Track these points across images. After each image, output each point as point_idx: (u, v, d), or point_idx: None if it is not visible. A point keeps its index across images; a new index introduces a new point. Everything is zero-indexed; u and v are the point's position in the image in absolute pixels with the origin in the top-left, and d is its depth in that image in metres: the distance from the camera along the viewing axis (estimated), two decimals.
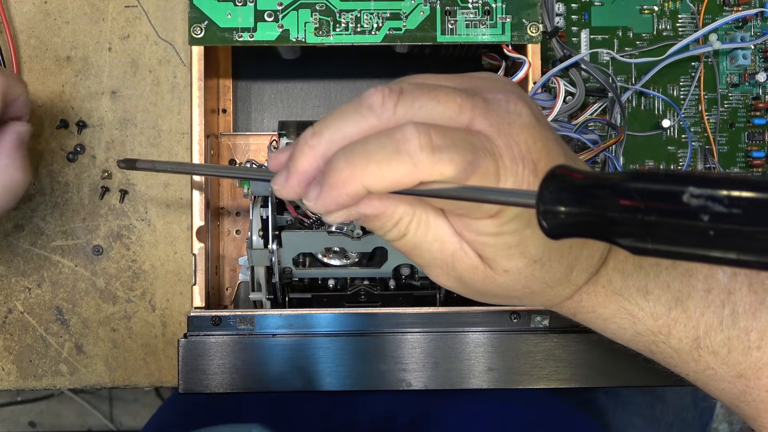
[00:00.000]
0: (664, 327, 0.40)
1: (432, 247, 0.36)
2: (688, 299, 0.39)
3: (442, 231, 0.35)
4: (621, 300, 0.40)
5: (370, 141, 0.32)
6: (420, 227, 0.35)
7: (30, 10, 0.58)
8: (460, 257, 0.36)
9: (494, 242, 0.34)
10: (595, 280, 0.39)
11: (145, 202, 0.58)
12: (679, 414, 0.81)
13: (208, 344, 0.47)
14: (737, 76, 0.57)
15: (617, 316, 0.40)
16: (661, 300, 0.39)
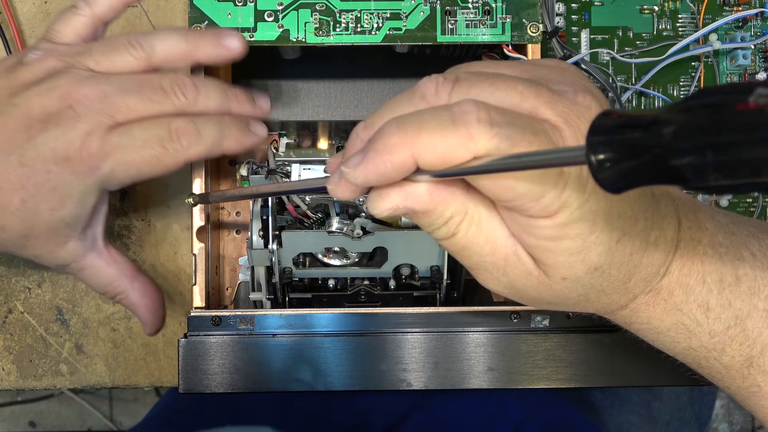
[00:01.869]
0: (719, 344, 0.38)
1: (483, 249, 0.33)
2: (747, 318, 0.38)
3: (495, 233, 0.33)
4: (680, 314, 0.38)
5: (426, 111, 0.30)
6: (472, 227, 0.33)
7: (30, 10, 0.58)
8: (512, 262, 0.34)
9: (554, 247, 0.32)
10: (656, 291, 0.37)
11: (145, 202, 0.58)
12: (676, 413, 0.81)
13: (208, 344, 0.47)
14: (737, 76, 0.57)
15: (672, 330, 0.38)
16: (721, 318, 0.38)
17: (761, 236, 0.39)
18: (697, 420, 0.81)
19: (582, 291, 0.35)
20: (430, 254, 0.50)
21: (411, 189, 0.32)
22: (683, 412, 0.81)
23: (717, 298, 0.37)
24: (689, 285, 0.37)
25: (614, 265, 0.34)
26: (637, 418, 0.80)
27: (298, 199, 0.48)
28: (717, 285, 0.37)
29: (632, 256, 0.34)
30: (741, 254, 0.38)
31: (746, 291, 0.37)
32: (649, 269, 0.36)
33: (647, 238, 0.35)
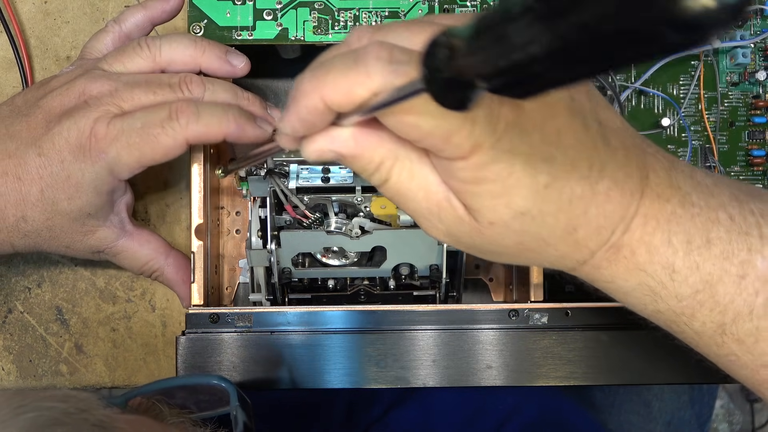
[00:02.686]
0: (687, 308, 0.37)
1: (417, 195, 0.34)
2: (718, 283, 0.36)
3: (427, 179, 0.33)
4: (644, 275, 0.36)
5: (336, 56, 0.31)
6: (403, 173, 0.33)
7: (30, 10, 0.58)
8: (445, 208, 0.34)
9: (476, 190, 0.32)
10: (616, 248, 0.36)
11: (145, 202, 0.58)
12: (676, 413, 0.81)
13: (206, 341, 0.47)
14: (737, 74, 0.57)
15: (638, 291, 0.37)
16: (688, 281, 0.36)
17: (746, 199, 0.37)
18: (697, 420, 0.81)
19: (516, 238, 0.34)
20: (429, 253, 0.50)
21: (336, 133, 0.32)
22: (683, 411, 0.81)
23: (683, 261, 0.36)
24: (653, 244, 0.36)
25: (548, 212, 0.34)
26: (637, 417, 0.80)
27: (296, 199, 0.48)
28: (684, 246, 0.36)
29: (572, 204, 0.34)
30: (717, 216, 0.36)
31: (718, 255, 0.36)
32: (602, 221, 0.35)
33: (594, 187, 0.34)
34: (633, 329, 0.47)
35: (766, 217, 0.37)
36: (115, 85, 0.47)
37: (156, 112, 0.45)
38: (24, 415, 0.30)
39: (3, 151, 0.47)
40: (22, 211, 0.47)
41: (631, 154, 0.35)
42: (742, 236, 0.36)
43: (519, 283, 0.54)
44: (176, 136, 0.45)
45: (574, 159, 0.33)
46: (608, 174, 0.34)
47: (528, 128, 0.32)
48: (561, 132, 0.33)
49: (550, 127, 0.32)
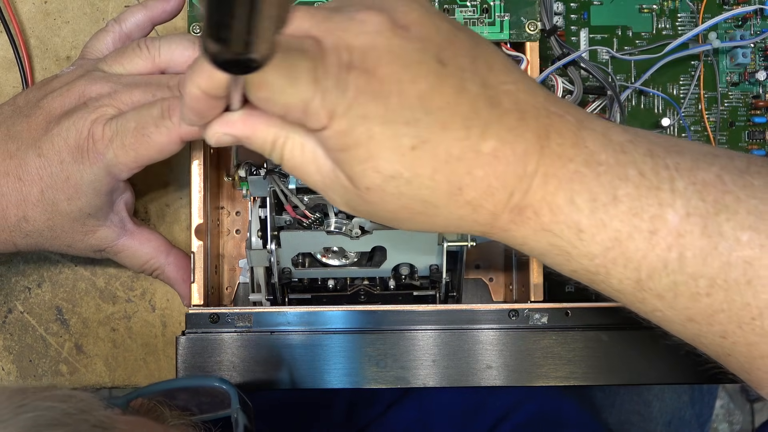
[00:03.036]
0: (601, 267, 0.37)
1: (309, 169, 0.36)
2: (628, 240, 0.36)
3: (316, 153, 0.36)
4: (551, 236, 0.37)
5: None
6: (295, 149, 0.36)
7: (30, 10, 0.58)
8: (333, 178, 0.36)
9: (346, 157, 0.34)
10: (519, 209, 0.36)
11: (145, 202, 0.58)
12: (677, 413, 0.81)
13: (206, 341, 0.47)
14: (737, 74, 0.57)
15: (550, 252, 0.38)
16: (596, 239, 0.36)
17: (663, 154, 0.37)
18: (697, 420, 0.81)
19: (398, 202, 0.35)
20: (429, 253, 0.50)
21: (226, 117, 0.36)
22: (684, 411, 0.81)
23: (589, 219, 0.36)
24: (557, 204, 0.36)
25: (424, 174, 0.34)
26: (637, 417, 0.80)
27: (296, 199, 0.48)
28: (588, 204, 0.36)
29: (450, 164, 0.34)
30: (626, 173, 0.36)
31: (626, 211, 0.36)
32: (493, 182, 0.35)
33: (475, 147, 0.34)
34: (633, 329, 0.47)
35: (681, 171, 0.36)
36: (115, 87, 0.47)
37: (148, 110, 0.45)
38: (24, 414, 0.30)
39: (5, 151, 0.47)
40: (23, 211, 0.47)
41: (527, 115, 0.35)
42: (653, 191, 0.36)
43: (519, 283, 0.54)
44: (170, 134, 0.45)
45: (445, 121, 0.34)
46: (493, 135, 0.35)
47: (382, 93, 0.33)
48: (425, 96, 0.33)
49: (409, 91, 0.33)
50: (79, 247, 0.50)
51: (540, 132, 0.36)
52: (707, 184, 0.36)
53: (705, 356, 0.40)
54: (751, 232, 0.35)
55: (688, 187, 0.36)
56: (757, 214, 0.35)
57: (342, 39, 0.33)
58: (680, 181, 0.36)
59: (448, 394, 0.72)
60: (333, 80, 0.32)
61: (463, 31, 0.36)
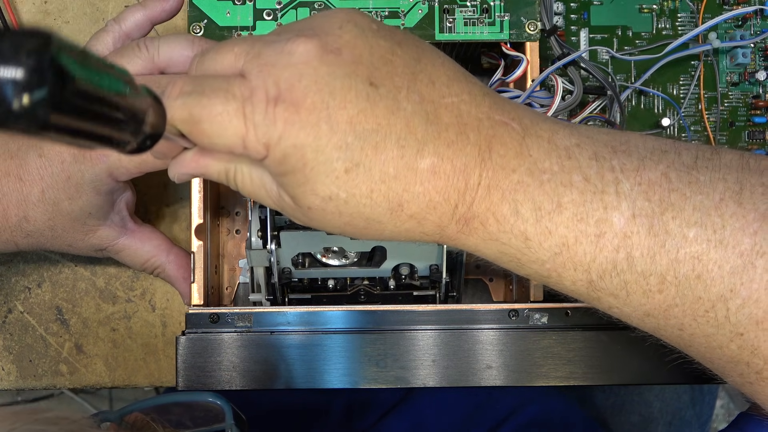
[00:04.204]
0: (552, 272, 0.38)
1: (260, 194, 0.38)
2: (575, 244, 0.37)
3: (263, 180, 0.37)
4: (499, 245, 0.38)
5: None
6: (245, 179, 0.38)
7: (30, 10, 0.58)
8: (280, 201, 0.37)
9: (287, 181, 0.36)
10: (465, 220, 0.37)
11: (145, 202, 0.58)
12: (677, 413, 0.81)
13: (206, 341, 0.47)
14: (737, 74, 0.57)
15: (501, 260, 0.39)
16: (543, 246, 0.37)
17: (609, 156, 0.37)
18: (698, 420, 0.81)
19: (342, 219, 0.36)
20: (429, 253, 0.50)
21: (181, 159, 0.38)
22: (684, 412, 0.81)
23: (534, 228, 0.37)
24: (502, 214, 0.37)
25: (360, 194, 0.35)
26: (638, 418, 0.80)
27: None
28: (533, 214, 0.36)
29: (387, 183, 0.35)
30: (571, 179, 0.36)
31: (570, 217, 0.36)
32: (434, 196, 0.36)
33: (412, 164, 0.35)
34: (632, 329, 0.47)
35: (626, 172, 0.37)
36: None
37: None
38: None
39: (6, 151, 0.47)
40: (24, 211, 0.47)
41: (467, 129, 0.36)
42: (597, 195, 0.36)
43: (519, 283, 0.54)
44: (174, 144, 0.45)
45: (377, 143, 0.35)
46: (431, 152, 0.35)
47: (311, 122, 0.34)
48: (355, 120, 0.34)
49: (338, 116, 0.34)
50: (79, 247, 0.50)
51: (481, 144, 0.36)
52: (653, 183, 0.36)
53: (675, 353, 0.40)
54: (698, 228, 0.36)
55: (634, 188, 0.36)
56: (702, 210, 0.36)
57: (270, 73, 0.34)
58: (625, 183, 0.36)
59: (447, 398, 0.72)
60: (261, 115, 0.34)
61: (405, 46, 0.37)
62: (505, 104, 0.38)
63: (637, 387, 0.80)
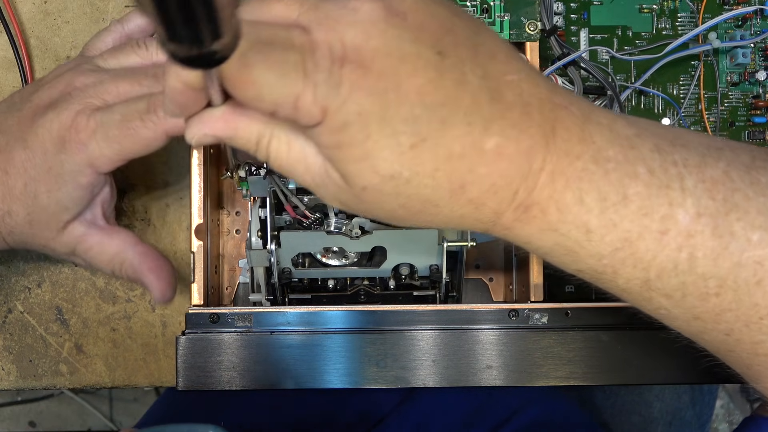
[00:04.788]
0: (608, 267, 0.36)
1: (298, 168, 0.34)
2: (638, 240, 0.35)
3: (304, 151, 0.34)
4: (557, 236, 0.35)
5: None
6: (281, 148, 0.34)
7: (30, 10, 0.58)
8: (325, 178, 0.34)
9: (340, 156, 0.32)
10: (524, 207, 0.35)
11: (145, 202, 0.58)
12: (677, 413, 0.80)
13: (206, 341, 0.47)
14: (737, 74, 0.57)
15: (556, 252, 0.36)
16: (605, 240, 0.35)
17: (670, 150, 0.36)
18: (698, 420, 0.81)
19: (396, 201, 0.34)
20: (429, 253, 0.50)
21: (207, 115, 0.33)
22: (684, 412, 0.81)
23: (598, 219, 0.34)
24: (565, 203, 0.34)
25: (424, 173, 0.33)
26: (638, 418, 0.80)
27: (296, 199, 0.48)
28: (598, 204, 0.34)
29: (452, 162, 0.32)
30: (636, 171, 0.34)
31: (635, 211, 0.34)
32: (497, 180, 0.33)
33: (478, 144, 0.33)
34: (633, 329, 0.47)
35: (689, 168, 0.35)
36: (101, 77, 0.46)
37: (135, 104, 0.44)
38: None
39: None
40: (9, 206, 0.46)
41: (531, 109, 0.34)
42: (663, 190, 0.35)
43: (519, 283, 0.54)
44: (156, 128, 0.44)
45: (445, 117, 0.32)
46: (496, 131, 0.33)
47: (379, 89, 0.31)
48: (424, 91, 0.31)
49: (408, 86, 0.31)
50: (52, 247, 0.49)
51: (545, 127, 0.34)
52: (716, 181, 0.35)
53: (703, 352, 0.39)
54: (762, 232, 0.34)
55: (698, 185, 0.35)
56: (766, 213, 0.35)
57: (333, 29, 0.31)
58: (689, 179, 0.35)
59: (448, 400, 0.72)
60: (325, 74, 0.31)
61: (462, 16, 0.34)
62: (560, 88, 0.36)
63: (637, 387, 0.80)
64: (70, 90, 0.46)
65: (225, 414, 0.69)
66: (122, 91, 0.46)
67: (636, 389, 0.80)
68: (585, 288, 0.50)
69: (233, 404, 0.69)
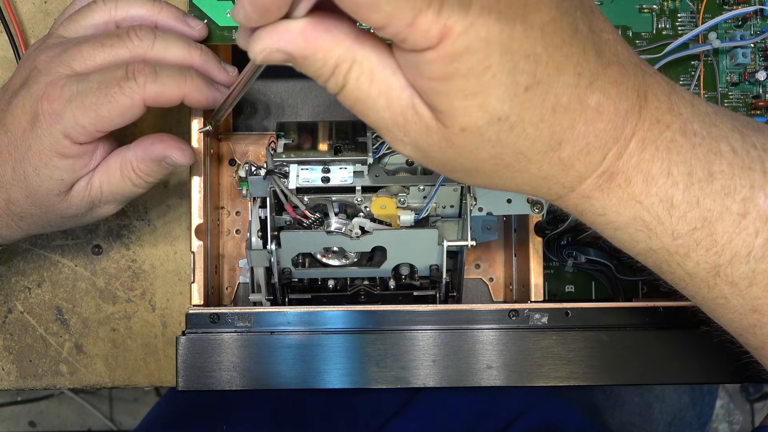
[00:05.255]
0: (682, 247, 0.34)
1: (377, 103, 0.30)
2: (718, 221, 0.33)
3: (389, 83, 0.30)
4: (639, 208, 0.34)
5: None
6: (362, 77, 0.30)
7: (30, 9, 0.58)
8: (410, 116, 0.30)
9: (446, 88, 0.29)
10: (610, 175, 0.33)
11: (145, 202, 0.58)
12: (678, 414, 0.81)
13: (206, 341, 0.47)
14: (737, 74, 0.57)
15: (631, 227, 0.35)
16: (686, 217, 0.33)
17: (747, 132, 0.34)
18: (698, 420, 0.81)
19: (492, 150, 0.31)
20: (429, 253, 0.50)
21: (284, 27, 0.29)
22: (684, 412, 0.81)
23: (683, 194, 0.33)
24: (651, 173, 0.33)
25: (529, 120, 0.30)
26: (638, 419, 0.80)
27: (296, 199, 0.48)
28: (684, 179, 0.33)
29: (556, 114, 0.30)
30: (719, 148, 0.33)
31: (719, 190, 0.33)
32: (591, 140, 0.32)
33: (582, 98, 0.31)
34: (633, 329, 0.47)
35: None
36: (64, 47, 0.45)
37: (112, 72, 0.43)
38: None
39: None
40: (6, 193, 0.46)
41: (627, 71, 0.32)
42: (745, 171, 0.34)
43: (519, 283, 0.54)
44: (133, 95, 0.43)
45: (560, 62, 0.30)
46: (599, 87, 0.31)
47: (509, 15, 0.28)
48: (546, 28, 0.29)
49: (535, 19, 0.28)
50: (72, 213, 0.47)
51: (639, 91, 0.32)
52: None
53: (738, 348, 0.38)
54: None
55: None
56: None
57: None
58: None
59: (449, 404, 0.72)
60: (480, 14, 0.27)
61: None
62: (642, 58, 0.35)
63: (638, 387, 0.80)
64: (37, 64, 0.45)
65: (225, 415, 0.69)
66: (87, 54, 0.45)
67: (636, 389, 0.81)
68: (585, 288, 0.51)
69: (234, 405, 0.69)
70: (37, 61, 0.45)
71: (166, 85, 0.43)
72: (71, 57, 0.45)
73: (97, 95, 0.43)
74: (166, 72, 0.44)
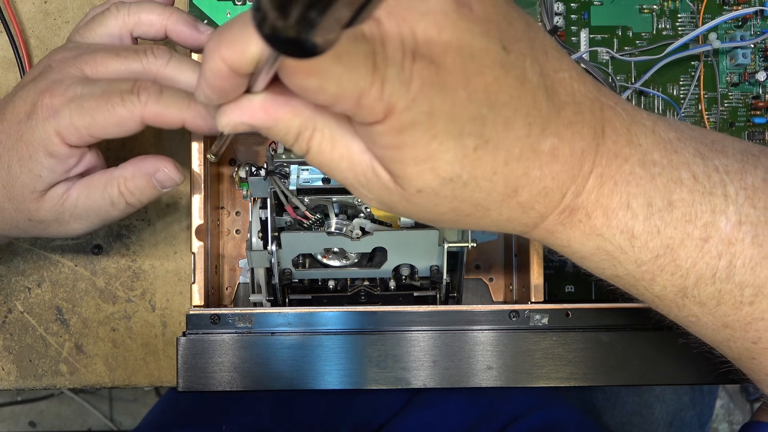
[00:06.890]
0: (647, 273, 0.35)
1: (340, 165, 0.32)
2: (680, 247, 0.34)
3: (349, 148, 0.31)
4: (601, 240, 0.34)
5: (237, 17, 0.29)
6: (324, 143, 0.31)
7: (30, 10, 0.58)
8: (371, 177, 0.32)
9: (399, 156, 0.30)
10: (570, 211, 0.34)
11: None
12: (678, 414, 0.81)
13: (207, 342, 0.47)
14: (737, 75, 0.57)
15: (596, 256, 0.35)
16: (648, 246, 0.34)
17: (710, 155, 0.35)
18: (698, 420, 0.81)
19: (449, 204, 0.32)
20: (430, 254, 0.50)
21: (245, 102, 0.30)
22: (685, 413, 0.81)
23: (643, 225, 0.34)
24: (611, 207, 0.34)
25: (482, 176, 0.31)
26: (639, 419, 0.80)
27: (297, 200, 0.48)
28: (644, 210, 0.34)
29: (509, 165, 0.31)
30: (680, 176, 0.34)
31: (680, 218, 0.34)
32: (548, 183, 0.32)
33: (535, 146, 0.31)
34: (633, 330, 0.47)
35: (730, 175, 0.35)
36: (79, 51, 0.46)
37: (119, 83, 0.43)
38: None
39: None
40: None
41: (583, 109, 0.33)
42: (706, 197, 0.34)
43: (519, 283, 0.54)
44: (133, 110, 0.43)
45: (509, 118, 0.30)
46: (552, 132, 0.32)
47: (449, 86, 0.29)
48: (490, 89, 0.30)
49: (477, 83, 0.29)
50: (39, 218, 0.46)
51: (596, 127, 0.33)
52: (756, 189, 0.35)
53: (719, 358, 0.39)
54: None
55: (739, 193, 0.34)
56: None
57: (405, 19, 0.28)
58: (731, 185, 0.34)
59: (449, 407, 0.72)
60: (396, 69, 0.28)
61: (515, 8, 0.32)
62: (604, 87, 0.35)
63: (638, 388, 0.80)
64: (51, 63, 0.46)
65: (226, 416, 0.69)
66: (100, 61, 0.45)
67: (636, 390, 0.81)
68: (585, 288, 0.51)
69: (234, 405, 0.69)
70: (52, 60, 0.46)
71: (169, 107, 0.43)
72: (84, 61, 0.45)
73: (98, 101, 0.43)
74: (172, 94, 0.44)
